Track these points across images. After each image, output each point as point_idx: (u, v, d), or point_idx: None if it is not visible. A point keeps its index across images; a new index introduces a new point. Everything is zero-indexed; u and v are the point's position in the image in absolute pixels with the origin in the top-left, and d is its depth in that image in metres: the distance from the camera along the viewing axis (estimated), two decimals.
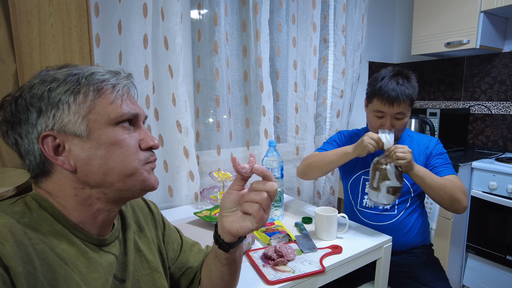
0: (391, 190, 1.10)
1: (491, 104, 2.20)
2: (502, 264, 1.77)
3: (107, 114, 0.52)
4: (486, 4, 1.86)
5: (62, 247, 0.49)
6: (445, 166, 1.24)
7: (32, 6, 0.85)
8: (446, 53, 2.23)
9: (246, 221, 0.58)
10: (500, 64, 2.14)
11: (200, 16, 1.61)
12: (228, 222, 0.59)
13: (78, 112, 0.50)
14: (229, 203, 0.60)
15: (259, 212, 0.56)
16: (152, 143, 0.57)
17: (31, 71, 0.89)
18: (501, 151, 2.12)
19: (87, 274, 0.50)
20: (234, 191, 0.60)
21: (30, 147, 0.51)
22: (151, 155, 0.58)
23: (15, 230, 0.44)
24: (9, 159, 1.09)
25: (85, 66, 0.55)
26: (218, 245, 0.63)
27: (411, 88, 1.18)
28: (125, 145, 0.53)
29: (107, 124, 0.52)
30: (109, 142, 0.51)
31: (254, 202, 0.56)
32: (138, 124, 0.57)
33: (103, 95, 0.52)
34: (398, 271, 1.25)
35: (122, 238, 0.62)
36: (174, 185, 1.50)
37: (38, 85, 0.50)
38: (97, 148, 0.51)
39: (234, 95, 1.76)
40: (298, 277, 0.88)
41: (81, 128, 0.50)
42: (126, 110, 0.54)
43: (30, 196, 0.52)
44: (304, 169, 1.36)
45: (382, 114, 1.20)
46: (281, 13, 1.80)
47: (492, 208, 1.79)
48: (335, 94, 2.04)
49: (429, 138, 1.33)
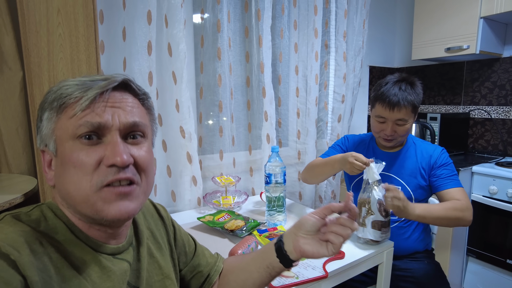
0: (377, 225, 1.07)
1: (491, 108, 2.21)
2: (503, 268, 1.78)
3: (67, 128, 0.48)
4: (485, 10, 1.88)
5: (76, 256, 0.49)
6: (450, 179, 1.21)
7: (41, 16, 0.87)
8: (446, 58, 2.25)
9: (323, 248, 0.63)
10: (500, 69, 2.16)
11: (203, 22, 1.63)
12: (305, 244, 0.63)
13: (48, 128, 0.50)
14: (311, 227, 0.64)
15: (340, 245, 0.62)
16: (112, 160, 0.47)
17: (39, 80, 0.90)
18: (501, 156, 2.14)
19: (100, 284, 0.51)
20: (317, 217, 0.64)
21: None
22: (110, 175, 0.48)
23: (31, 239, 0.45)
24: (16, 165, 1.10)
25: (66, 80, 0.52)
26: (281, 259, 0.66)
27: (414, 94, 1.18)
28: (78, 164, 0.47)
29: (68, 139, 0.48)
30: (67, 159, 0.48)
31: (340, 235, 0.62)
32: (107, 136, 0.49)
33: (66, 110, 0.49)
34: (399, 276, 1.26)
35: (136, 245, 0.62)
36: (177, 190, 1.52)
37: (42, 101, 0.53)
38: (60, 165, 0.49)
39: (236, 100, 1.78)
40: (302, 283, 0.89)
41: (52, 145, 0.50)
42: (84, 120, 0.47)
43: (47, 205, 0.53)
44: (304, 175, 1.45)
45: (383, 119, 1.21)
46: (283, 19, 1.81)
47: (493, 212, 1.80)
48: (337, 99, 2.05)
49: (433, 147, 1.30)
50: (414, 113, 1.21)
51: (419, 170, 1.26)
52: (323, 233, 0.64)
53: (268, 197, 1.29)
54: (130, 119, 0.51)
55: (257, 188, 1.82)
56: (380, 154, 1.34)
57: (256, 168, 1.82)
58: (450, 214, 1.11)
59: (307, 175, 1.42)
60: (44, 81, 0.91)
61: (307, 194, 1.99)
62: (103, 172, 0.48)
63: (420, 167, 1.27)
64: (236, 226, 1.20)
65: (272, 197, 1.27)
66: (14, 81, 1.07)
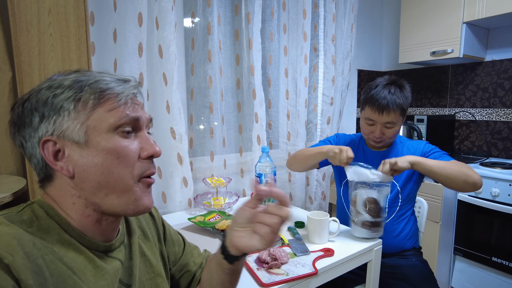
0: (366, 225, 1.12)
1: (475, 110, 2.28)
2: (489, 266, 1.82)
3: (107, 119, 0.51)
4: (468, 15, 1.95)
5: (70, 255, 0.49)
6: (442, 157, 1.25)
7: (32, 16, 0.87)
8: (432, 62, 2.31)
9: (254, 240, 0.58)
10: (482, 72, 2.23)
11: (193, 25, 1.64)
12: (238, 237, 0.60)
13: (77, 119, 0.50)
14: (242, 219, 0.61)
15: (269, 235, 0.57)
16: (152, 150, 0.53)
17: (30, 79, 0.90)
18: (486, 156, 2.20)
19: (95, 282, 0.50)
20: (248, 208, 0.61)
21: (33, 151, 0.51)
22: (148, 167, 0.54)
23: (24, 241, 0.44)
24: (4, 166, 1.09)
25: (95, 73, 0.54)
26: (224, 256, 0.64)
27: (403, 98, 1.20)
28: (123, 154, 0.51)
29: (106, 130, 0.51)
30: (107, 150, 0.50)
31: (266, 225, 0.57)
32: (139, 130, 0.55)
33: (104, 103, 0.51)
34: (388, 273, 1.28)
35: (127, 243, 0.62)
36: (167, 191, 1.52)
37: (45, 90, 0.51)
38: (95, 155, 0.50)
39: (227, 102, 1.79)
40: (292, 279, 0.90)
41: (79, 135, 0.50)
42: (126, 113, 0.52)
43: (37, 204, 0.51)
44: (290, 160, 1.46)
45: (372, 122, 1.24)
46: (272, 23, 1.84)
47: (478, 211, 1.84)
48: (326, 101, 2.09)
49: (418, 142, 1.37)
50: (402, 116, 1.24)
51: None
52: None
53: None
54: (149, 116, 0.58)
55: (248, 189, 1.83)
56: (369, 153, 1.37)
57: (247, 170, 1.83)
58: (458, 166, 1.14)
59: (292, 160, 1.44)
60: (35, 80, 0.91)
61: (298, 195, 2.01)
62: (143, 163, 0.53)
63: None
64: (227, 226, 1.21)
65: None
66: (4, 81, 1.07)
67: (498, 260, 1.77)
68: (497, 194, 1.74)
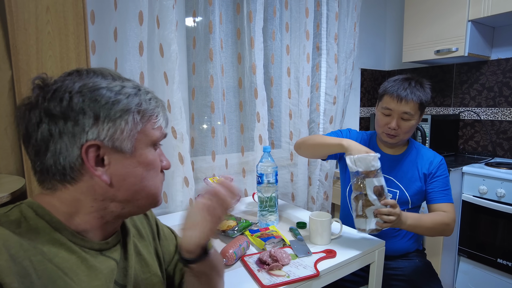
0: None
1: (480, 110, 2.25)
2: (494, 267, 1.80)
3: (151, 136, 0.56)
4: (473, 13, 1.92)
5: (61, 256, 0.48)
6: (443, 193, 1.24)
7: (30, 14, 0.86)
8: (436, 61, 2.28)
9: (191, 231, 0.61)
10: (488, 71, 2.20)
11: (195, 24, 1.63)
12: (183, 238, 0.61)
13: (131, 131, 0.52)
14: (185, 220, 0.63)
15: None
16: (169, 164, 0.62)
17: (28, 78, 0.89)
18: (491, 156, 2.17)
19: (88, 283, 0.50)
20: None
21: (66, 150, 0.48)
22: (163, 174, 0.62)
23: (10, 243, 0.43)
24: (3, 166, 1.08)
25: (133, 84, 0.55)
26: (179, 257, 0.63)
27: (423, 92, 1.20)
28: (156, 166, 0.58)
29: (148, 145, 0.56)
30: (147, 162, 0.55)
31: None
32: (159, 146, 0.61)
33: (151, 120, 0.56)
34: (391, 275, 1.27)
35: (123, 243, 0.61)
36: (168, 191, 1.51)
37: (105, 91, 0.50)
38: (136, 166, 0.54)
39: (229, 102, 1.78)
40: (293, 281, 0.89)
41: (128, 146, 0.52)
42: (164, 132, 0.59)
43: (26, 204, 0.50)
44: (300, 144, 1.37)
45: (389, 111, 1.21)
46: (274, 22, 1.83)
47: (483, 212, 1.82)
48: (328, 100, 2.07)
49: (434, 154, 1.31)
50: (420, 110, 1.22)
51: (419, 175, 1.27)
52: None
53: (260, 197, 1.29)
54: None
55: (249, 189, 1.82)
56: (381, 156, 1.34)
57: (248, 170, 1.82)
58: (437, 226, 1.18)
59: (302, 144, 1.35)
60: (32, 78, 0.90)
61: (300, 195, 2.00)
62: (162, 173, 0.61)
63: (420, 172, 1.28)
64: (227, 226, 1.20)
65: (264, 197, 1.27)
66: (3, 80, 1.06)
67: (504, 262, 1.74)
68: (503, 195, 1.72)
